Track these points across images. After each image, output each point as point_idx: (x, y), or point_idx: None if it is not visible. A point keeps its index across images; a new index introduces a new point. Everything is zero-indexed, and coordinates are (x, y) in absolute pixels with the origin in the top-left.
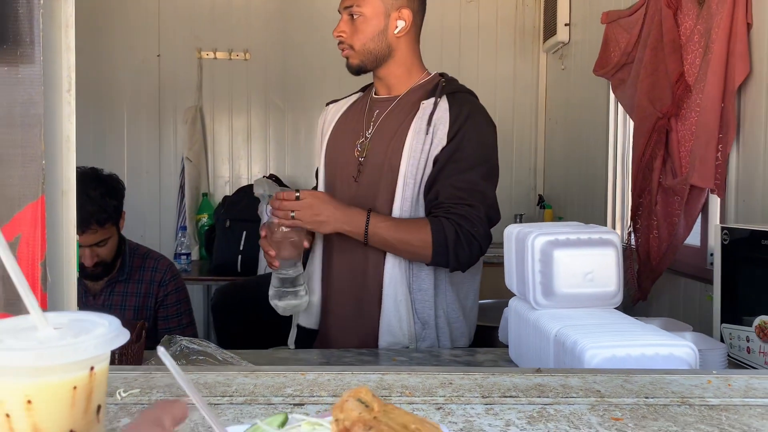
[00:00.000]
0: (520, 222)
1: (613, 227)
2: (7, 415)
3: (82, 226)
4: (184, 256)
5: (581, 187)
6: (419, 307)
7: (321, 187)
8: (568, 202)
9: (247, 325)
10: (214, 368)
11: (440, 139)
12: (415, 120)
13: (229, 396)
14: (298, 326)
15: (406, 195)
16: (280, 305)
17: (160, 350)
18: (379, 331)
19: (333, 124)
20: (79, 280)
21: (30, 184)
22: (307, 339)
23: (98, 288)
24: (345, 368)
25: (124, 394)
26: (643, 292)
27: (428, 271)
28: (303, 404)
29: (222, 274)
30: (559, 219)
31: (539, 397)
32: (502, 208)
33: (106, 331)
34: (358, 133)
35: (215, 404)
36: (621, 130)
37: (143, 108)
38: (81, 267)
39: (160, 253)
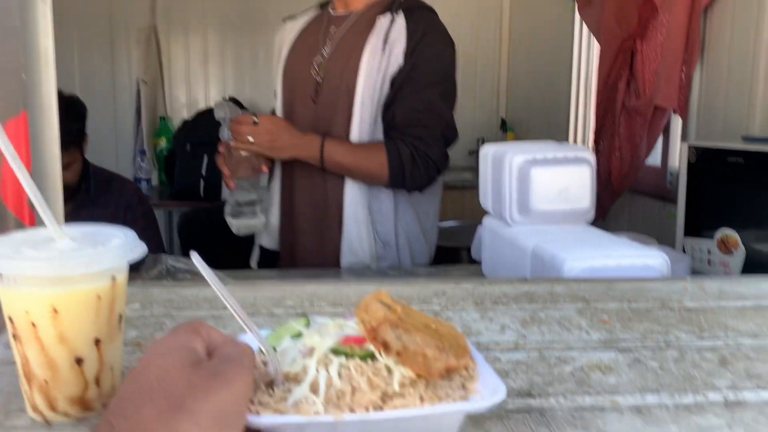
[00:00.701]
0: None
1: None
2: (33, 324)
3: None
4: (144, 182)
5: (544, 110)
6: (380, 228)
7: (279, 108)
8: (530, 125)
9: (214, 248)
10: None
11: (396, 58)
12: (371, 38)
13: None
14: (261, 247)
15: (364, 117)
16: (235, 224)
17: (194, 255)
18: (340, 251)
19: (291, 42)
20: None
21: (11, 99)
22: (270, 260)
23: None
24: (342, 282)
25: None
26: (602, 211)
27: (388, 192)
28: (305, 314)
29: (184, 199)
30: None
31: (529, 303)
32: (464, 133)
33: (124, 242)
34: (315, 51)
35: (220, 316)
36: (585, 52)
37: (93, 28)
38: None
39: (125, 177)
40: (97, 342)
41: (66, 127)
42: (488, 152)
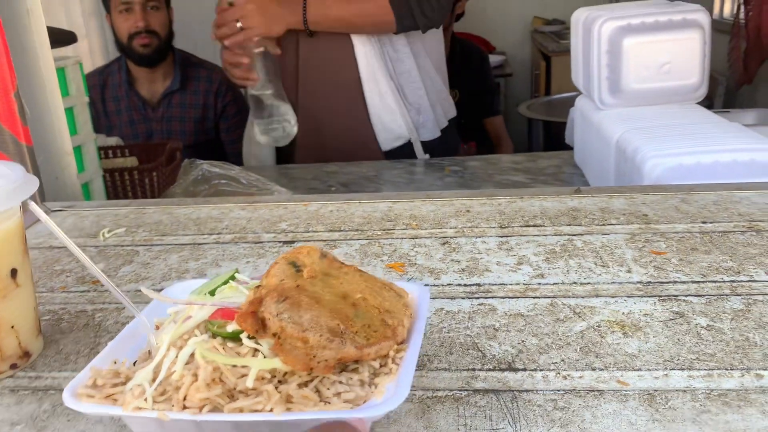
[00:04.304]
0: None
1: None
2: None
3: None
4: None
5: None
6: (408, 92)
7: None
8: None
9: None
10: (209, 201)
11: None
12: None
13: (218, 233)
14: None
15: None
16: (265, 138)
17: (32, 204)
18: (374, 132)
19: None
20: (135, 92)
21: None
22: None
23: (156, 101)
24: (352, 197)
25: (108, 235)
26: (749, 74)
27: (404, 45)
28: (294, 242)
29: None
30: None
31: (569, 225)
32: None
33: (1, 186)
34: None
35: (200, 243)
36: None
37: None
38: (130, 44)
39: (213, 63)
40: None
41: None
42: (579, 18)
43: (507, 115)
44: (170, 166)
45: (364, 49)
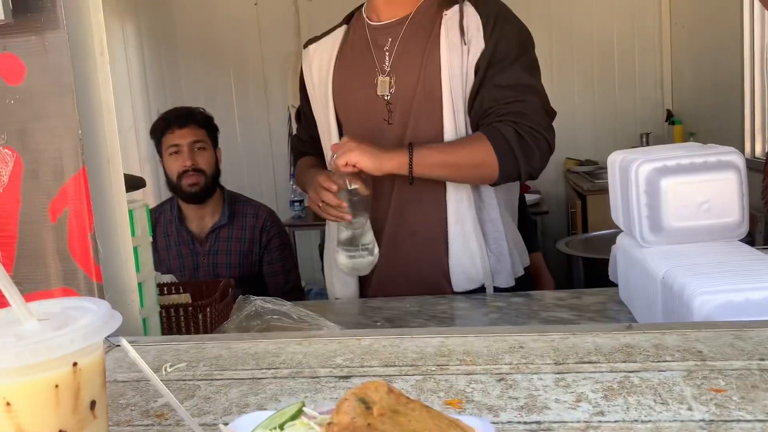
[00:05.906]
0: (647, 143)
1: (752, 140)
2: None
3: (182, 120)
4: (298, 203)
5: (715, 98)
6: (491, 239)
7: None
8: (700, 116)
9: None
10: (266, 336)
11: (477, 43)
12: (443, 34)
13: (275, 368)
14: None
15: (458, 119)
16: (348, 264)
17: (122, 341)
18: (450, 274)
19: (331, 69)
20: (185, 227)
21: (69, 156)
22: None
23: (204, 235)
24: (404, 332)
25: (170, 369)
26: None
27: (491, 193)
28: (350, 377)
29: None
30: (691, 135)
31: (624, 362)
32: (625, 127)
33: (90, 322)
34: (371, 70)
35: (259, 378)
36: (758, 30)
37: (247, 58)
38: (179, 183)
39: (259, 202)
40: None
41: (205, 113)
42: (615, 161)
43: (545, 252)
44: (223, 302)
45: (456, 193)
